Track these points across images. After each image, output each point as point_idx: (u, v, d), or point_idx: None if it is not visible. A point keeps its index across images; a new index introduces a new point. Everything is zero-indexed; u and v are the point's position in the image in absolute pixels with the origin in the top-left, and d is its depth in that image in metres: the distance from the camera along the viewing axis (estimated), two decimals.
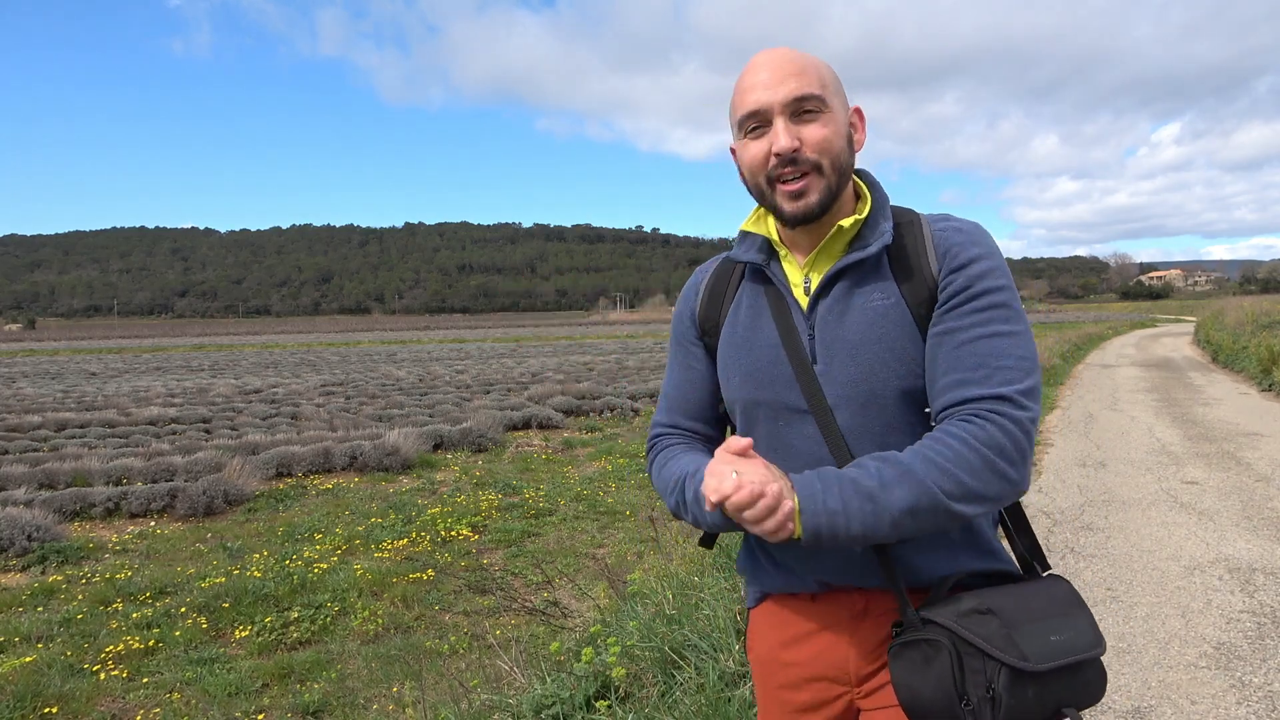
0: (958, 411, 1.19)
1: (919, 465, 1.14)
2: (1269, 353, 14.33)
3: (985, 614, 1.17)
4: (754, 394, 1.33)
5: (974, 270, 1.23)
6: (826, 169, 1.23)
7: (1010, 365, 1.19)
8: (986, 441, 1.15)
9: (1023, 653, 1.13)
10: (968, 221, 1.30)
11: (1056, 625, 1.19)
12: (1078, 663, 1.17)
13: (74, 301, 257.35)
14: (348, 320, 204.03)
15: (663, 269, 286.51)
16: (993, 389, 1.17)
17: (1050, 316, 78.12)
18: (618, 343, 45.90)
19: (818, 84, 1.24)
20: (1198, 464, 7.78)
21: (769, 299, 1.34)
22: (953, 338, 1.22)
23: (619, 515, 7.88)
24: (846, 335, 1.27)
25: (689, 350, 1.46)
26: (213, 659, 4.94)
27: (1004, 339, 1.20)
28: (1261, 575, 4.72)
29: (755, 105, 1.24)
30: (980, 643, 1.14)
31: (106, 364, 37.03)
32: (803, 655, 1.38)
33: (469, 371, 24.14)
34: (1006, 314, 1.22)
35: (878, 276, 1.28)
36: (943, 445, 1.16)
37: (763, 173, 1.26)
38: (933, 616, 1.19)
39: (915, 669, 1.18)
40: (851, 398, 1.26)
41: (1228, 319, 24.81)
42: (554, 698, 2.96)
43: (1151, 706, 3.28)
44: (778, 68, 1.24)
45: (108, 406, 16.59)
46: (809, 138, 1.22)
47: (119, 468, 9.27)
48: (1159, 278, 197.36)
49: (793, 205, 1.24)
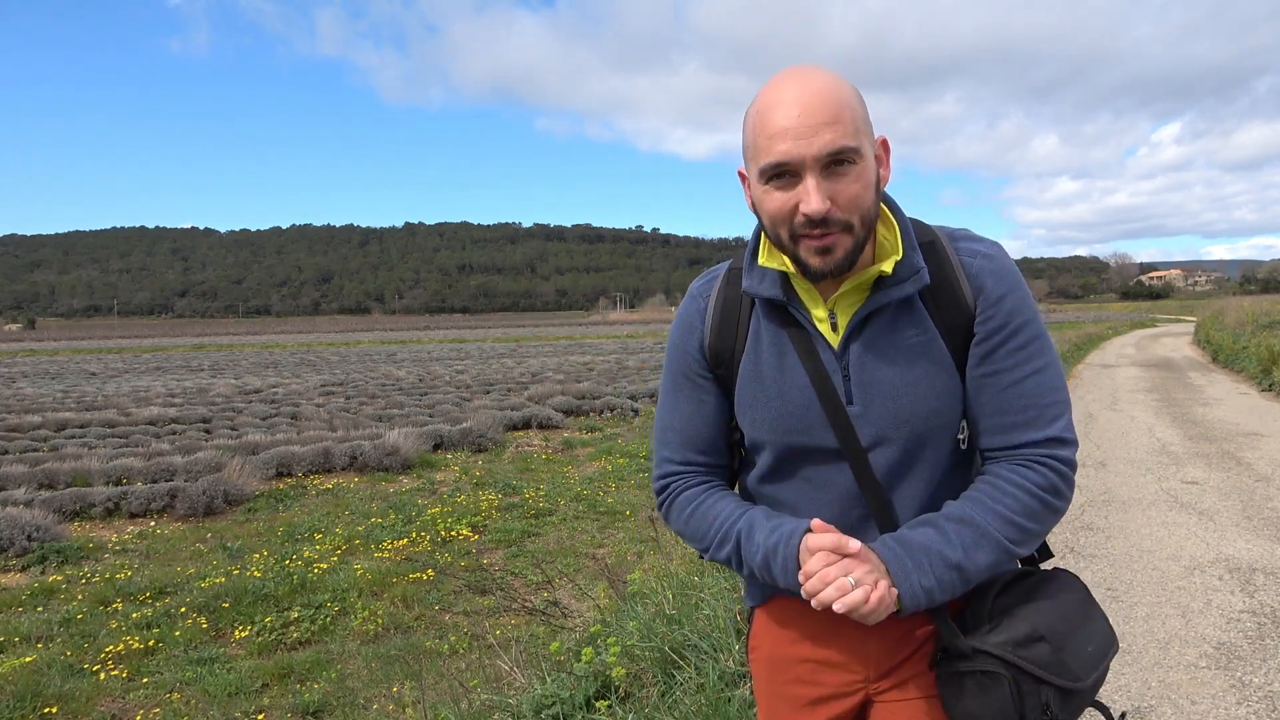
0: (1015, 455, 1.25)
1: (992, 523, 1.21)
2: (1269, 353, 14.33)
3: (1038, 641, 1.20)
4: (787, 439, 1.31)
5: (1008, 305, 1.24)
6: (857, 227, 1.17)
7: (1054, 402, 1.24)
8: (1045, 487, 1.22)
9: (1074, 673, 1.20)
10: (990, 243, 1.28)
11: (1089, 633, 1.24)
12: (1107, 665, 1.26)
13: (74, 301, 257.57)
14: (348, 320, 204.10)
15: (663, 269, 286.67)
16: (1044, 432, 1.23)
17: (1050, 316, 78.07)
18: (618, 343, 45.91)
19: (853, 131, 1.14)
20: (1198, 464, 7.78)
21: (793, 338, 1.29)
22: (998, 379, 1.24)
23: (619, 515, 7.88)
24: (885, 377, 1.25)
25: (697, 384, 1.39)
26: (213, 659, 4.94)
27: (1043, 375, 1.24)
28: (1261, 575, 4.72)
29: (784, 158, 1.14)
30: (1038, 671, 1.19)
31: (106, 364, 37.04)
32: (819, 651, 1.37)
33: (469, 371, 24.14)
34: (1041, 345, 1.25)
35: (911, 312, 1.25)
36: (1008, 497, 1.22)
37: (786, 227, 1.18)
38: (985, 647, 1.21)
39: (972, 697, 1.22)
40: (893, 439, 1.26)
41: (1228, 319, 24.82)
42: (554, 698, 2.96)
43: (1152, 706, 3.28)
44: (811, 112, 1.13)
45: (108, 406, 16.59)
46: (841, 196, 1.15)
47: (119, 468, 9.26)
48: (1159, 278, 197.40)
49: (820, 261, 1.18)
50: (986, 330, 1.23)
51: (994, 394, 1.24)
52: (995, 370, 1.24)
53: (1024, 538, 1.22)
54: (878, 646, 1.34)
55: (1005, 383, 1.23)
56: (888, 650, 1.34)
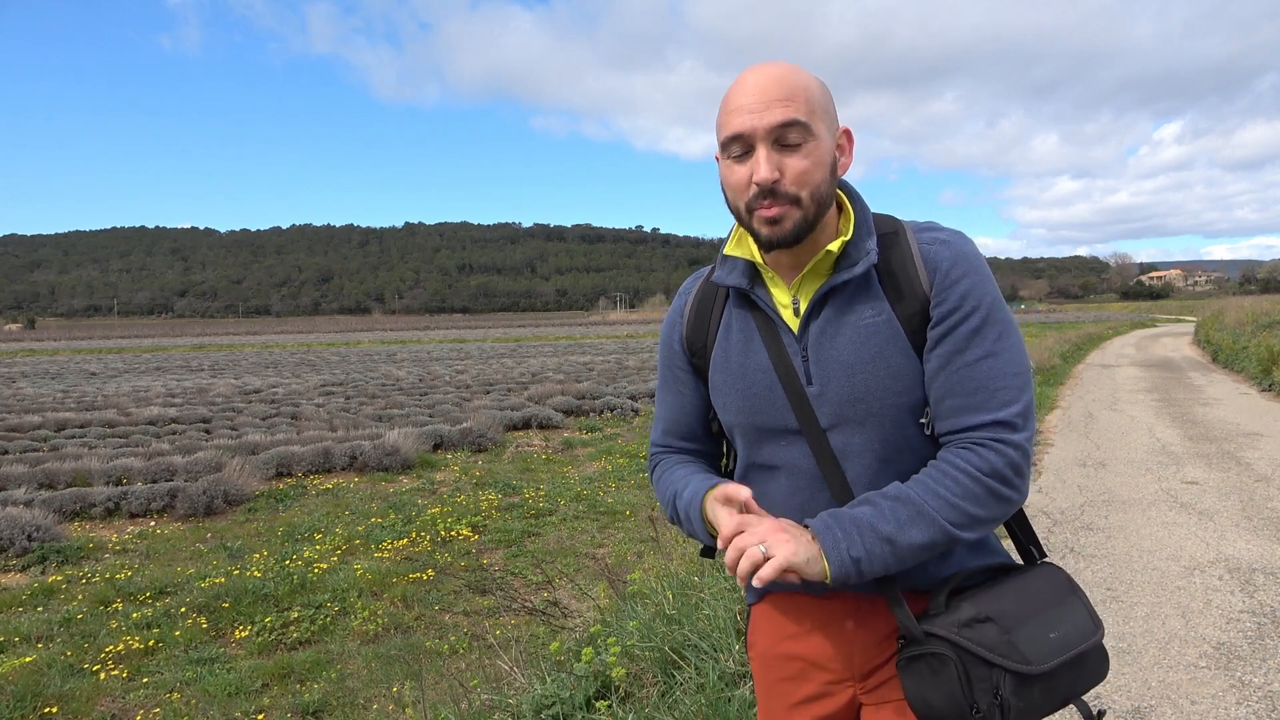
0: (960, 439, 1.25)
1: (930, 502, 1.21)
2: (1269, 353, 14.32)
3: (984, 622, 1.20)
4: (752, 419, 1.36)
5: (963, 287, 1.25)
6: (805, 201, 1.23)
7: (1005, 386, 1.24)
8: (988, 471, 1.21)
9: (1024, 656, 1.18)
10: (952, 231, 1.31)
11: (1053, 619, 1.23)
12: (1079, 654, 1.23)
13: (74, 301, 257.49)
14: (348, 320, 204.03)
15: (663, 269, 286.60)
16: (991, 415, 1.23)
17: (1050, 316, 78.11)
18: (618, 343, 45.89)
19: (804, 110, 1.22)
20: (1198, 464, 7.78)
21: (758, 323, 1.35)
22: (950, 362, 1.25)
23: (619, 515, 7.88)
24: (840, 355, 1.28)
25: (678, 375, 1.48)
26: (213, 659, 4.94)
27: (998, 358, 1.24)
28: (1261, 575, 4.72)
29: (739, 129, 1.23)
30: (983, 652, 1.18)
31: (106, 364, 37.03)
32: (805, 649, 1.39)
33: (469, 371, 24.13)
34: (999, 330, 1.25)
35: (867, 294, 1.29)
36: (948, 479, 1.22)
37: (743, 198, 1.26)
38: (934, 629, 1.23)
39: (924, 681, 1.21)
40: (850, 417, 1.28)
41: (1228, 319, 24.81)
42: (554, 698, 2.96)
43: (1151, 707, 3.28)
44: (765, 91, 1.22)
45: (108, 406, 16.59)
46: (790, 170, 1.22)
47: (119, 468, 9.26)
48: (1159, 278, 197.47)
49: (768, 230, 1.24)
50: (941, 313, 1.25)
51: (946, 376, 1.25)
52: (948, 353, 1.25)
53: (967, 521, 1.21)
54: (861, 646, 1.35)
55: (957, 365, 1.24)
56: (870, 650, 1.35)
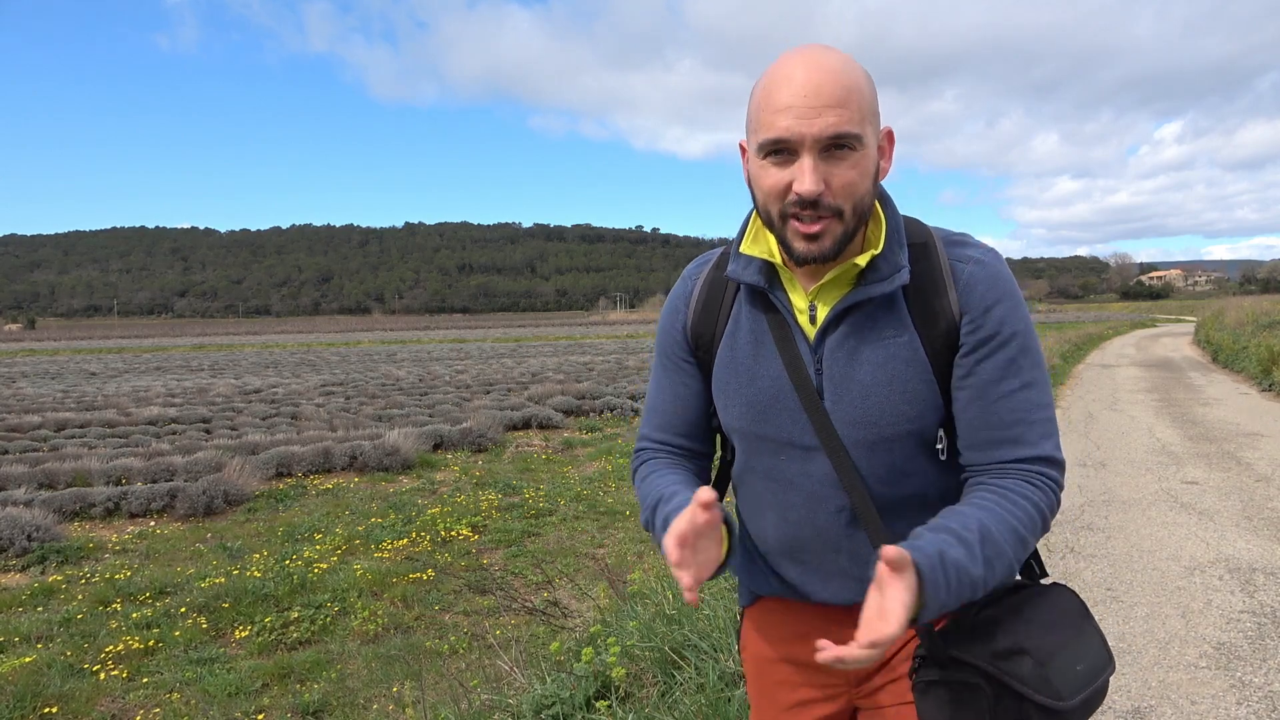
0: (1006, 471, 1.19)
1: (1008, 538, 1.13)
2: (1269, 353, 14.33)
3: (1020, 654, 1.15)
4: (756, 427, 1.28)
5: (998, 314, 1.19)
6: (847, 215, 1.14)
7: (1041, 419, 1.20)
8: (1045, 505, 1.18)
9: (1057, 691, 1.13)
10: (986, 249, 1.24)
11: (1079, 651, 1.18)
12: (1100, 687, 1.19)
13: (74, 301, 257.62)
14: (348, 320, 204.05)
15: (663, 269, 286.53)
16: (1032, 449, 1.19)
17: (1050, 316, 78.04)
18: (618, 343, 45.87)
19: (858, 118, 1.11)
20: (1198, 464, 7.78)
21: (771, 326, 1.26)
22: (986, 392, 1.19)
23: (619, 515, 7.88)
24: (857, 375, 1.21)
25: (680, 367, 1.38)
26: (212, 659, 4.94)
27: (1032, 389, 1.20)
28: (1261, 575, 4.72)
29: (785, 134, 1.11)
30: (1018, 686, 1.13)
31: (106, 364, 37.03)
32: (800, 653, 1.36)
33: (469, 371, 24.13)
34: (1032, 359, 1.20)
35: (892, 312, 1.21)
36: (1020, 510, 1.16)
37: (778, 205, 1.15)
38: (967, 657, 1.16)
39: (946, 707, 1.17)
40: (858, 440, 1.22)
41: (1228, 319, 24.81)
42: (554, 698, 2.96)
43: (1151, 707, 3.28)
44: (818, 92, 1.09)
45: (108, 406, 16.59)
46: (836, 181, 1.12)
47: (119, 468, 9.26)
48: (1159, 278, 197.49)
49: (805, 246, 1.15)
50: (974, 340, 1.19)
51: (981, 407, 1.19)
52: (983, 383, 1.19)
53: (1024, 551, 1.16)
54: None
55: (993, 396, 1.18)
56: None
